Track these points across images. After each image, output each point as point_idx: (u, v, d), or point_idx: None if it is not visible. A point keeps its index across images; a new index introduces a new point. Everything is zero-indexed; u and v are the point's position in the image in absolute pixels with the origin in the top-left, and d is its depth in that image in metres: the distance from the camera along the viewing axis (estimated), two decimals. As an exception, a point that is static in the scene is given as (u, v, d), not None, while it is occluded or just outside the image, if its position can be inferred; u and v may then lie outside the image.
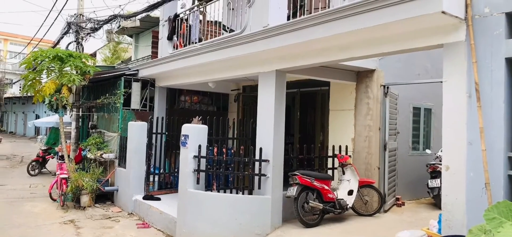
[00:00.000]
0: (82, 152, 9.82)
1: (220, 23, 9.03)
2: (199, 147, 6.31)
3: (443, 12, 3.44)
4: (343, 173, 6.71)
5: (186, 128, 6.47)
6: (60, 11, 23.74)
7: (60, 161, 9.64)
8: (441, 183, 4.10)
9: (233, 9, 8.30)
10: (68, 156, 9.33)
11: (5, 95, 36.74)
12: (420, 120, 8.73)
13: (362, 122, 7.18)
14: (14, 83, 34.42)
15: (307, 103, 9.00)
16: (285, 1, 6.32)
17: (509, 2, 3.42)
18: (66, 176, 8.53)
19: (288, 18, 6.37)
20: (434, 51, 5.05)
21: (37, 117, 29.66)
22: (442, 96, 3.88)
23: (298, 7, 6.98)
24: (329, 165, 7.08)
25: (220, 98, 10.48)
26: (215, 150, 6.51)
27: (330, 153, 7.13)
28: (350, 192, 6.54)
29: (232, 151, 6.89)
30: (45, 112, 27.12)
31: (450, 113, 3.80)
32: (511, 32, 3.52)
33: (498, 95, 3.47)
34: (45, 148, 14.04)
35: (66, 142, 9.45)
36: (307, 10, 7.14)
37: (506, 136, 3.46)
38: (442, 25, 3.81)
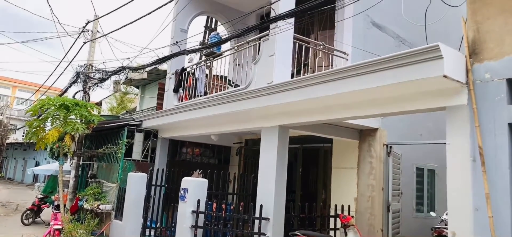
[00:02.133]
0: (79, 201, 9.63)
1: (225, 77, 9.24)
2: (198, 201, 6.18)
3: (444, 76, 3.50)
4: (346, 234, 6.47)
5: (186, 181, 6.38)
6: (71, 61, 24.42)
7: (55, 211, 9.42)
8: (448, 249, 3.92)
9: (239, 64, 8.53)
10: (64, 205, 9.14)
11: (8, 141, 36.84)
12: (423, 181, 8.58)
13: (365, 181, 7.07)
14: (18, 129, 34.69)
15: (310, 160, 8.93)
16: (289, 59, 6.50)
17: (509, 68, 3.49)
18: (59, 227, 8.29)
19: (292, 76, 6.52)
20: (436, 112, 5.08)
21: (37, 164, 29.51)
22: (446, 157, 3.84)
23: (302, 65, 7.17)
24: (331, 225, 6.86)
25: (221, 151, 10.44)
26: (214, 205, 6.37)
27: (332, 212, 6.94)
28: (353, 255, 6.27)
29: (232, 207, 6.73)
30: (46, 159, 27.01)
31: (455, 177, 3.74)
32: (513, 97, 3.55)
33: (502, 161, 3.43)
34: (42, 196, 13.77)
35: (63, 190, 9.30)
36: (310, 68, 7.33)
37: (513, 203, 3.37)
38: (444, 88, 3.87)
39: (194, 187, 6.25)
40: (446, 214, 7.26)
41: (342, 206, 6.78)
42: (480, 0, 3.79)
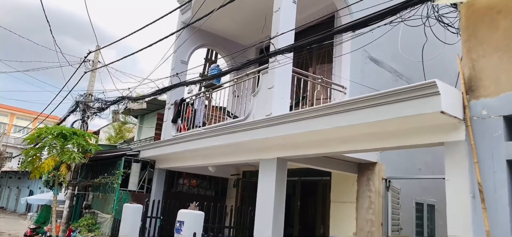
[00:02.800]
0: (72, 233, 9.41)
1: (224, 109, 9.29)
2: (194, 234, 6.04)
3: (442, 112, 3.53)
4: (345, 271, 6.32)
5: (182, 214, 6.27)
6: (70, 91, 24.61)
7: (47, 242, 9.20)
8: None
9: (238, 96, 8.61)
10: (57, 236, 8.92)
11: (3, 169, 36.42)
12: (423, 216, 8.46)
13: (364, 215, 6.96)
14: (13, 157, 34.37)
15: (308, 193, 8.83)
16: (288, 92, 6.57)
17: (506, 105, 3.53)
18: (51, 258, 8.06)
19: (291, 108, 6.56)
20: (435, 147, 5.09)
21: (31, 193, 29.06)
22: (445, 192, 3.81)
23: (301, 98, 7.23)
24: (330, 261, 6.70)
25: (219, 183, 10.34)
26: (211, 238, 6.23)
27: (331, 248, 6.80)
28: None
29: (229, 240, 6.59)
30: (40, 188, 26.63)
31: (455, 213, 3.70)
32: (511, 134, 3.57)
33: (502, 198, 3.41)
34: (34, 226, 13.50)
35: (56, 221, 9.11)
36: (309, 101, 7.39)
37: (515, 241, 3.32)
38: (441, 124, 3.89)
39: (190, 219, 6.14)
40: (447, 251, 7.12)
41: (341, 242, 6.65)
42: (475, 38, 3.89)
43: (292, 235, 7.92)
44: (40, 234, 12.93)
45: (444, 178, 3.90)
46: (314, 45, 5.78)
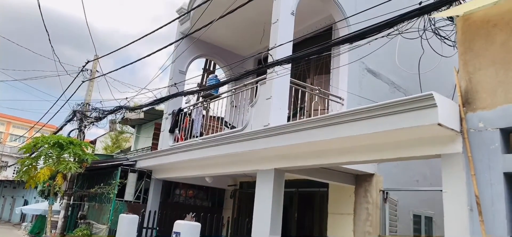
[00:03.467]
0: (66, 243, 9.31)
1: (222, 119, 9.28)
2: (191, 245, 5.99)
3: (439, 124, 3.55)
4: (343, 284, 6.26)
5: (178, 225, 6.22)
6: (68, 100, 24.73)
7: (41, 252, 9.08)
8: None
9: (235, 106, 8.61)
10: (52, 247, 8.81)
11: (-2, 178, 36.10)
12: (421, 229, 8.43)
13: (361, 227, 6.93)
14: (9, 166, 34.09)
15: (306, 204, 8.78)
16: (286, 102, 6.58)
17: (502, 118, 3.55)
18: (45, 269, 7.95)
19: (289, 119, 6.56)
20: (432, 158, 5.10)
21: (26, 203, 28.73)
22: (443, 205, 3.80)
23: (298, 108, 7.25)
24: (328, 274, 6.64)
25: (216, 194, 10.28)
26: (208, 249, 6.18)
27: (328, 260, 6.75)
28: None
29: (226, 252, 6.53)
30: (35, 198, 26.36)
31: (453, 226, 3.69)
32: (507, 147, 3.58)
33: (499, 211, 3.40)
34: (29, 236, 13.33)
35: (51, 231, 9.01)
36: (306, 112, 7.40)
37: (513, 254, 3.31)
38: (439, 136, 3.90)
39: (187, 230, 6.08)
40: (445, 264, 7.07)
41: (339, 254, 6.60)
42: (471, 51, 3.92)
43: (289, 247, 7.86)
44: (34, 245, 12.78)
45: (441, 190, 3.90)
46: (312, 57, 5.80)
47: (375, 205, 6.91)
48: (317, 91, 7.18)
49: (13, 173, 36.27)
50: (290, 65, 6.21)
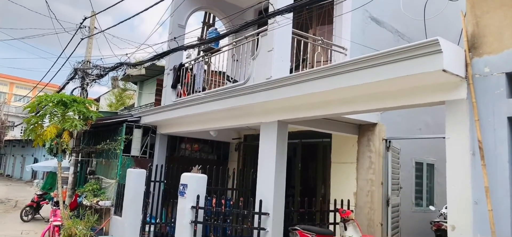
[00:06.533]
0: (78, 198, 9.63)
1: (224, 73, 9.22)
2: (198, 197, 6.18)
3: (443, 70, 3.49)
4: (345, 229, 6.49)
5: (185, 177, 6.38)
6: (68, 58, 24.52)
7: (54, 207, 9.42)
8: (447, 243, 3.94)
9: (237, 60, 8.50)
10: (64, 202, 9.13)
11: (6, 138, 36.76)
12: (423, 175, 8.61)
13: (364, 175, 7.08)
14: (16, 126, 34.58)
15: (309, 155, 8.93)
16: (288, 54, 6.49)
17: (509, 62, 3.49)
18: (59, 223, 8.29)
19: (291, 71, 6.50)
20: (435, 106, 5.08)
21: (36, 161, 29.45)
22: (445, 151, 3.85)
23: (301, 60, 7.15)
24: (331, 220, 6.88)
25: (220, 147, 10.44)
26: (214, 200, 6.37)
27: (331, 207, 6.96)
28: (353, 249, 6.29)
29: (231, 202, 6.74)
30: (44, 156, 26.98)
31: (455, 171, 3.75)
32: (512, 91, 3.55)
33: (502, 154, 3.44)
34: (41, 192, 13.76)
35: (62, 187, 9.29)
36: (309, 63, 7.31)
37: (513, 196, 3.38)
38: (443, 82, 3.86)
39: (194, 182, 6.25)
40: (445, 208, 7.29)
41: (342, 201, 6.79)
42: (480, -7, 3.78)
43: (293, 196, 8.09)
44: (47, 200, 13.24)
45: (444, 138, 3.92)
46: (314, 5, 5.63)
47: (377, 154, 7.01)
48: (320, 41, 7.04)
49: (21, 132, 36.87)
50: (291, 14, 6.05)
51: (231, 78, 9.22)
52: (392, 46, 4.01)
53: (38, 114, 9.12)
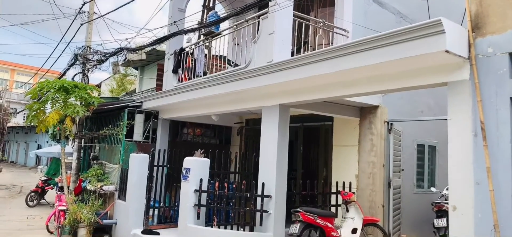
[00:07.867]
0: (82, 183, 9.72)
1: (225, 57, 9.17)
2: (201, 180, 6.23)
3: (446, 51, 3.47)
4: (347, 211, 6.56)
5: (188, 161, 6.42)
6: (68, 43, 24.29)
7: (59, 192, 9.53)
8: (447, 223, 3.99)
9: (238, 44, 8.45)
10: (68, 187, 9.23)
11: (8, 125, 36.93)
12: (424, 157, 8.63)
13: (366, 158, 7.11)
14: (18, 112, 34.68)
15: (311, 138, 8.96)
16: (289, 37, 6.43)
17: (512, 42, 3.46)
18: (64, 207, 8.40)
19: (292, 54, 6.46)
20: (437, 88, 5.06)
21: (39, 147, 29.65)
22: (447, 133, 3.85)
23: (302, 43, 7.10)
24: (333, 202, 6.94)
25: (222, 131, 10.47)
26: (217, 184, 6.42)
27: (333, 189, 7.01)
28: (354, 230, 6.36)
29: (234, 185, 6.79)
30: (47, 142, 27.15)
31: (456, 152, 3.75)
32: (516, 72, 3.52)
33: (504, 135, 3.44)
34: (45, 178, 13.92)
35: (66, 172, 9.38)
36: (311, 46, 7.26)
37: (514, 176, 3.40)
38: (446, 63, 3.84)
39: (197, 166, 6.30)
40: (447, 189, 7.33)
41: (344, 183, 6.84)
42: (484, -28, 3.72)
43: (295, 179, 8.15)
44: (51, 185, 13.39)
45: (446, 119, 3.92)
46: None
47: (379, 136, 7.02)
48: (321, 24, 6.97)
49: (23, 119, 37.02)
50: (293, -4, 5.98)
51: (232, 63, 9.18)
52: (395, 27, 3.97)
53: (40, 101, 9.13)
